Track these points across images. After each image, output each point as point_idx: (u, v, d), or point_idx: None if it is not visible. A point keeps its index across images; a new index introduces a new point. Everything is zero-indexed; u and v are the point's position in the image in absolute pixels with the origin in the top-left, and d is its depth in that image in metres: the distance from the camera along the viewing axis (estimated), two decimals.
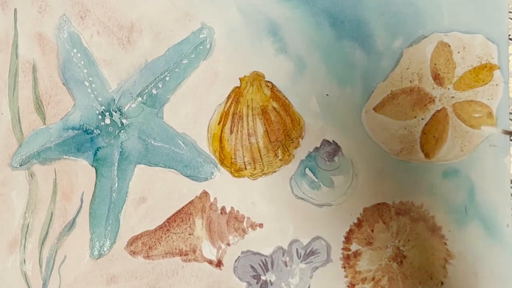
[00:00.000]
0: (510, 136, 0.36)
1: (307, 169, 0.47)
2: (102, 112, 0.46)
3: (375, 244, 0.47)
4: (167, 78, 0.46)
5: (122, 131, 0.46)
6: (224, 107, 0.47)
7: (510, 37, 0.48)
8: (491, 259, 0.47)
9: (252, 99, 0.47)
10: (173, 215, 0.46)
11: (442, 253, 0.47)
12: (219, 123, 0.47)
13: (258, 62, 0.47)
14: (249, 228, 0.47)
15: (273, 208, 0.47)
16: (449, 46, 0.48)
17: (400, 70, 0.48)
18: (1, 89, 0.46)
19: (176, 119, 0.47)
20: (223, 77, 0.47)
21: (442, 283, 0.47)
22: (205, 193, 0.47)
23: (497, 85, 0.48)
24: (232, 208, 0.47)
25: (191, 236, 0.47)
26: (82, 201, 0.46)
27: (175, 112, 0.47)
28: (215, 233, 0.47)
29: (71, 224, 0.46)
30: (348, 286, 0.47)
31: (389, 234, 0.47)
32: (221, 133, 0.47)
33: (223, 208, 0.47)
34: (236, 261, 0.47)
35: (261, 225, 0.47)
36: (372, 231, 0.47)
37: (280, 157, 0.47)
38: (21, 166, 0.45)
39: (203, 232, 0.47)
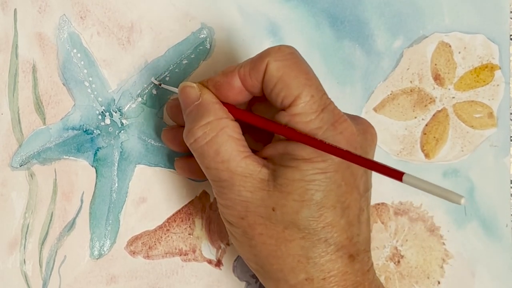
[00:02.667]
0: None
1: None
2: (102, 112, 0.46)
3: (373, 244, 0.47)
4: (167, 79, 0.46)
5: (122, 131, 0.46)
6: None
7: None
8: (490, 259, 0.48)
9: None
10: (173, 215, 0.47)
11: (440, 253, 0.47)
12: None
13: None
14: None
15: None
16: (450, 46, 0.48)
17: (401, 71, 0.48)
18: (1, 89, 0.46)
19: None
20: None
21: (439, 282, 0.47)
22: (205, 193, 0.47)
23: (498, 85, 0.48)
24: None
25: (191, 236, 0.47)
26: (82, 201, 0.46)
27: None
28: (214, 233, 0.47)
29: (71, 224, 0.46)
30: None
31: (387, 234, 0.47)
32: None
33: None
34: (235, 260, 0.47)
35: None
36: (370, 231, 0.47)
37: None
38: (21, 166, 0.46)
39: (202, 232, 0.47)
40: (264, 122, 0.38)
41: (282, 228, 0.36)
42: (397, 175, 0.33)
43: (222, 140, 0.37)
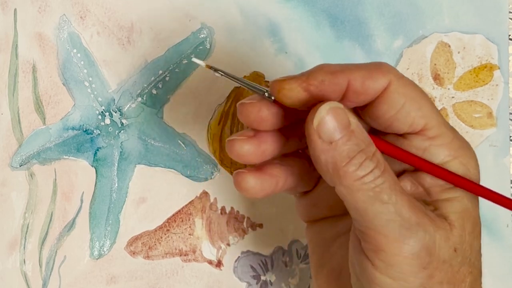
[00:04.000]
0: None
1: None
2: (102, 112, 0.46)
3: None
4: (167, 78, 0.46)
5: (122, 131, 0.46)
6: (224, 107, 0.47)
7: (510, 37, 0.48)
8: (491, 260, 0.47)
9: None
10: (173, 215, 0.47)
11: None
12: (219, 123, 0.47)
13: (258, 62, 0.47)
14: (249, 228, 0.47)
15: (273, 208, 0.47)
16: (449, 46, 0.48)
17: (400, 70, 0.48)
18: (1, 89, 0.46)
19: (176, 119, 0.47)
20: (223, 77, 0.47)
21: None
22: (205, 193, 0.47)
23: (497, 85, 0.48)
24: (232, 208, 0.47)
25: (191, 236, 0.47)
26: (82, 201, 0.46)
27: (175, 112, 0.47)
28: (215, 233, 0.47)
29: (71, 224, 0.46)
30: None
31: None
32: (221, 133, 0.47)
33: (223, 208, 0.47)
34: (236, 261, 0.47)
35: (261, 225, 0.47)
36: None
37: None
38: (21, 166, 0.45)
39: (203, 232, 0.47)
40: (416, 158, 0.33)
41: (458, 268, 0.32)
42: None
43: (391, 174, 0.31)
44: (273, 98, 0.32)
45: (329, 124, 0.31)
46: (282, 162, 0.35)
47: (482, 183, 0.47)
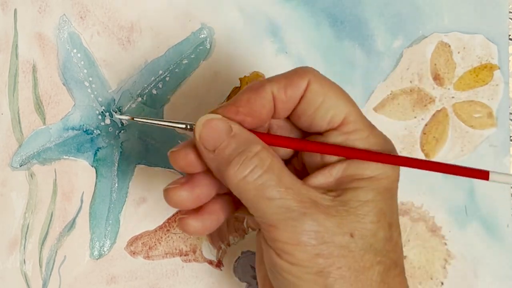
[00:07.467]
0: None
1: None
2: (102, 112, 0.46)
3: None
4: (167, 78, 0.46)
5: (122, 131, 0.46)
6: None
7: (510, 37, 0.48)
8: (491, 260, 0.47)
9: None
10: (173, 215, 0.47)
11: (442, 253, 0.47)
12: None
13: (258, 62, 0.47)
14: (249, 228, 0.47)
15: None
16: (449, 46, 0.48)
17: (400, 70, 0.48)
18: (1, 89, 0.46)
19: (176, 119, 0.47)
20: (223, 77, 0.47)
21: (442, 283, 0.47)
22: None
23: (497, 85, 0.48)
24: None
25: (191, 237, 0.47)
26: (82, 201, 0.46)
27: (175, 112, 0.47)
28: (215, 233, 0.47)
29: (71, 224, 0.46)
30: None
31: None
32: None
33: None
34: (236, 261, 0.47)
35: None
36: None
37: None
38: (21, 166, 0.45)
39: None
40: (318, 146, 0.34)
41: (361, 256, 0.33)
42: (482, 175, 0.33)
43: (280, 167, 0.33)
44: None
45: (209, 134, 0.33)
46: (219, 197, 0.36)
47: (482, 183, 0.48)
